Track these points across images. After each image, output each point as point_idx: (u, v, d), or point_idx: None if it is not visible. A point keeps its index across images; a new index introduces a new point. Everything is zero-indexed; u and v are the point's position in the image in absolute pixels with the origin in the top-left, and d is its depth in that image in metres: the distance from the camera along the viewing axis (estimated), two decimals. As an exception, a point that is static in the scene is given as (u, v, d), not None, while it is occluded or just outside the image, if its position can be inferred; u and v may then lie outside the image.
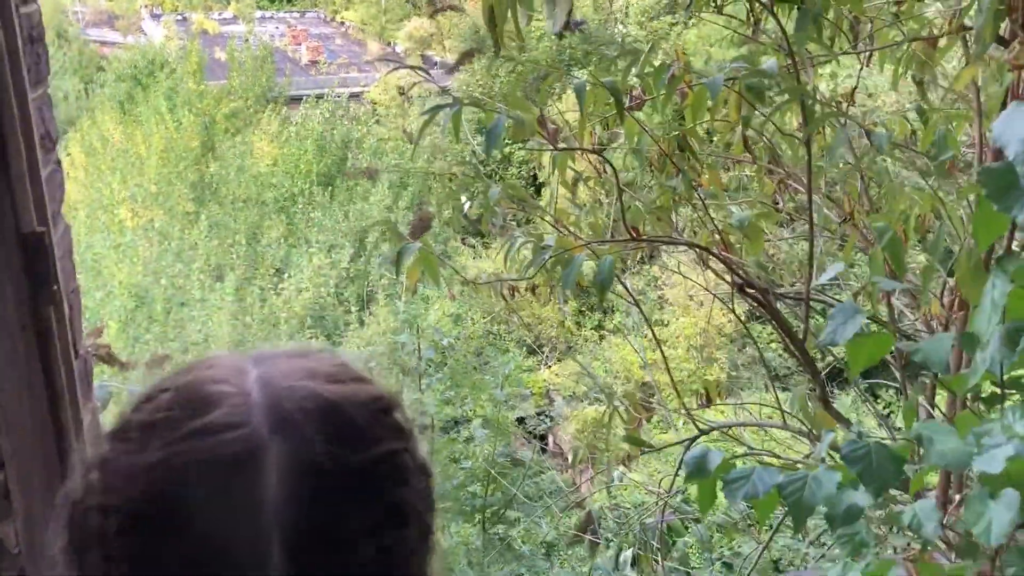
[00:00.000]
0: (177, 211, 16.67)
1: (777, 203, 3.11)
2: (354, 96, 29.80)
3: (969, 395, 2.13)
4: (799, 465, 1.52)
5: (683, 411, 2.75)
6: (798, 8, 2.16)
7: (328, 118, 20.06)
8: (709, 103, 2.12)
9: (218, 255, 14.74)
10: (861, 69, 2.72)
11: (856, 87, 2.66)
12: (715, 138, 2.76)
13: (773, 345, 17.81)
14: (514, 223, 2.48)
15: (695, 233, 2.69)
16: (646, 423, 2.84)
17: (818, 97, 2.20)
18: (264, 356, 0.78)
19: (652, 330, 3.11)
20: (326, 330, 14.38)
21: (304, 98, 22.63)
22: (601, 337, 20.77)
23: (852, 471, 1.40)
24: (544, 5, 1.86)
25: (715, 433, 2.86)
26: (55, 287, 1.32)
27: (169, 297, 13.12)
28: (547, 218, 2.56)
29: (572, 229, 2.61)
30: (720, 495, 1.54)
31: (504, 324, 19.41)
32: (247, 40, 28.43)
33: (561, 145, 2.53)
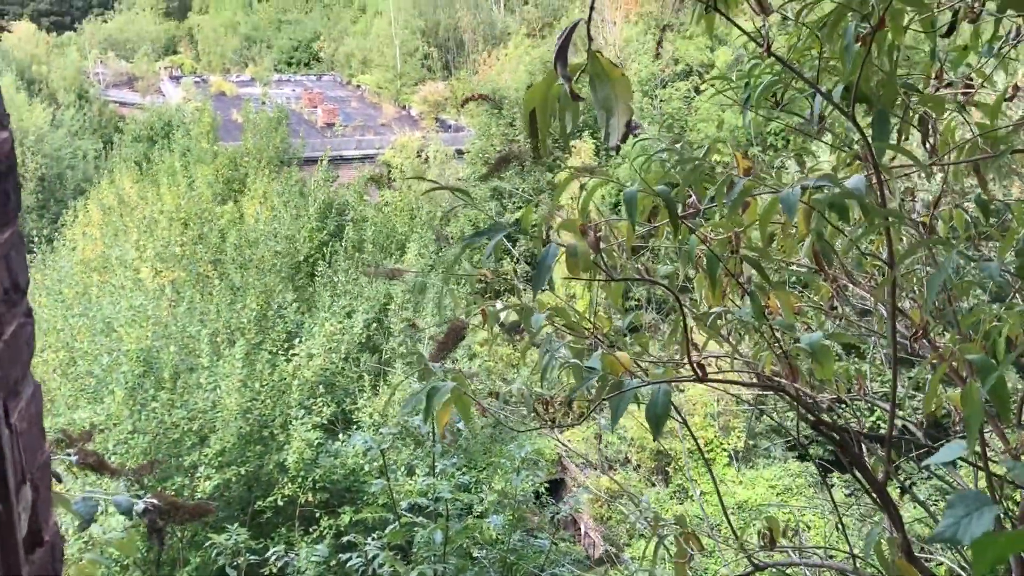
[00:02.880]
0: (194, 274, 16.55)
1: (834, 307, 2.84)
2: (368, 158, 29.90)
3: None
4: None
5: (738, 549, 2.46)
6: (875, 109, 1.92)
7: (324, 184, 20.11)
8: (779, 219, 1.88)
9: (229, 320, 14.53)
10: (945, 177, 2.47)
11: (940, 197, 2.42)
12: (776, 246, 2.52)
13: (790, 415, 17.42)
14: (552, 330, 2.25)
15: (756, 356, 2.43)
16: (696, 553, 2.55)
17: (904, 214, 1.96)
18: None
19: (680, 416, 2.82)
20: (336, 398, 14.08)
21: (318, 159, 22.78)
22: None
23: None
24: (598, 113, 1.62)
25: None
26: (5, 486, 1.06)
27: (177, 363, 12.86)
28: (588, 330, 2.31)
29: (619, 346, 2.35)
30: None
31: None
32: (263, 102, 28.72)
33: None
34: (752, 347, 2.38)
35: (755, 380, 2.24)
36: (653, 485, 20.18)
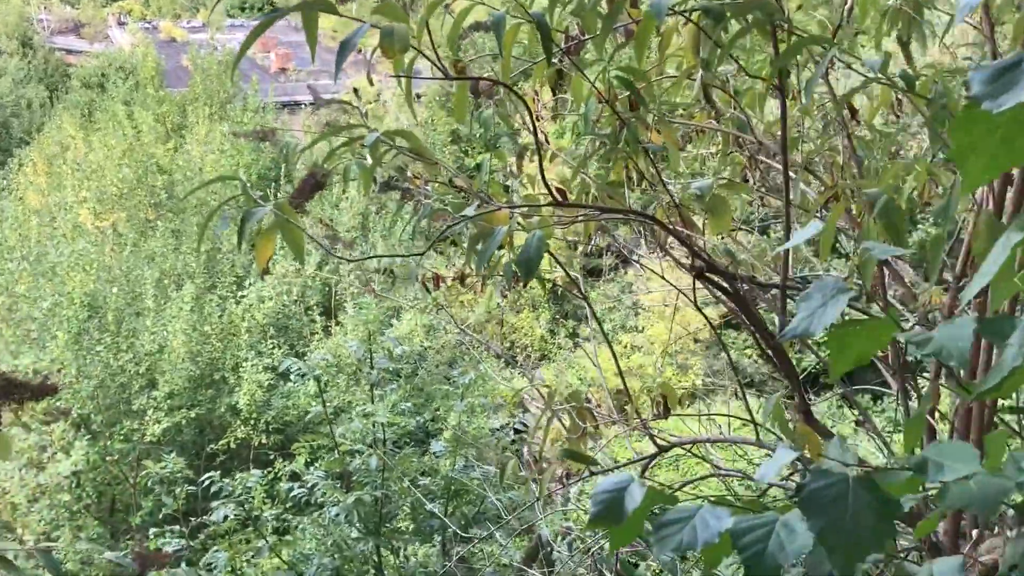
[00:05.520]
0: (137, 218, 16.19)
1: (747, 179, 2.69)
2: (328, 101, 29.24)
3: (987, 404, 1.70)
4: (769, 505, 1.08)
5: (638, 423, 2.32)
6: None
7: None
8: (658, 36, 1.69)
9: (175, 263, 14.22)
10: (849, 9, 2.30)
11: (840, 24, 2.25)
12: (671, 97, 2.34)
13: (749, 352, 17.51)
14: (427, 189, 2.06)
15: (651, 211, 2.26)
16: (606, 434, 2.41)
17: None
18: None
19: (610, 344, 2.68)
20: (289, 339, 13.89)
21: (266, 104, 22.34)
22: (576, 345, 20.50)
23: (811, 526, 0.95)
24: None
25: (683, 447, 2.42)
26: None
27: (123, 307, 12.57)
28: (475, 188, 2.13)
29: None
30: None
31: (479, 334, 19.05)
32: (214, 47, 28.04)
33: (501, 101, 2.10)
34: (640, 195, 2.22)
35: (619, 208, 2.07)
36: (614, 423, 20.22)
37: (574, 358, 19.60)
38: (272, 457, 12.36)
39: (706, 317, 3.35)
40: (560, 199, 1.79)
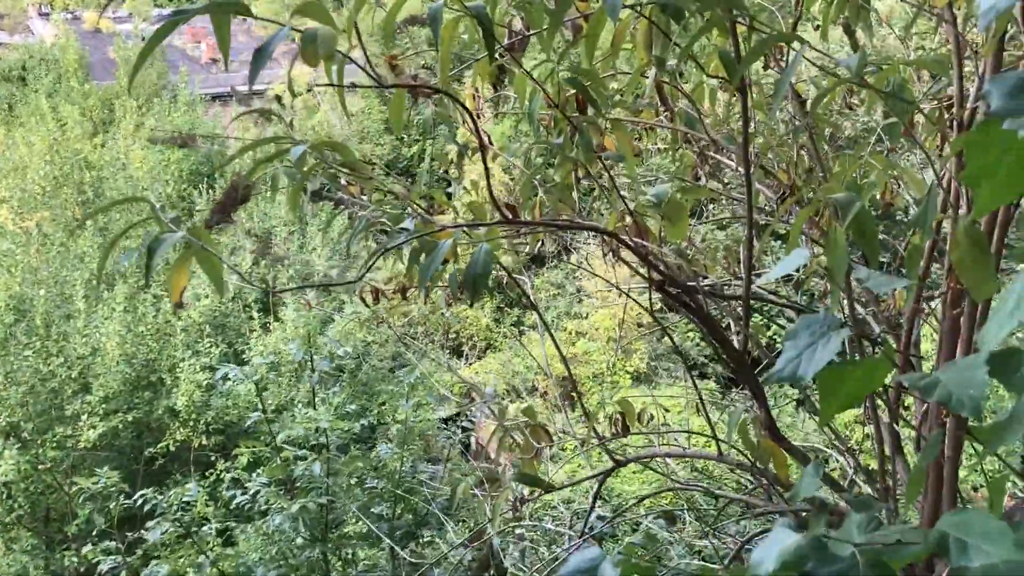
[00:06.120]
0: (64, 216, 15.63)
1: (698, 178, 2.58)
2: (256, 94, 28.85)
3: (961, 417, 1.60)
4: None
5: (596, 441, 2.20)
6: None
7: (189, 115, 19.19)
8: (609, 33, 1.56)
9: (106, 263, 13.76)
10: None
11: (798, 20, 2.14)
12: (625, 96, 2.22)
13: (691, 335, 17.61)
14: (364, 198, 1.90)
15: (602, 216, 2.14)
16: (552, 447, 2.29)
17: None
18: None
19: (553, 337, 2.56)
20: (227, 338, 13.56)
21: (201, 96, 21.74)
22: (521, 333, 20.44)
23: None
24: None
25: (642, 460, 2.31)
26: None
27: (51, 310, 12.13)
28: (416, 198, 1.98)
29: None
30: None
31: (423, 326, 18.86)
32: (142, 38, 27.30)
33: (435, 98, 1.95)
34: (586, 193, 2.09)
35: (572, 222, 1.94)
36: (560, 411, 20.28)
37: (520, 347, 19.55)
38: (214, 459, 12.07)
39: (642, 306, 3.25)
40: (510, 215, 1.65)
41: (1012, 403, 0.91)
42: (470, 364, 20.33)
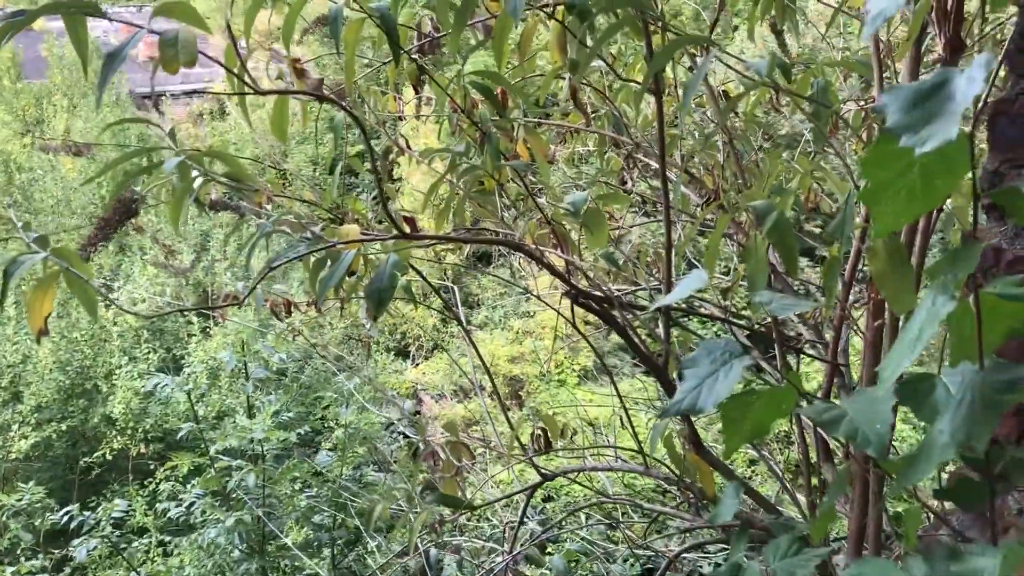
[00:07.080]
0: (-9, 221, 15.16)
1: (625, 182, 2.52)
2: (196, 93, 28.37)
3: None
4: None
5: (520, 454, 2.13)
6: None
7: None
8: (516, 35, 1.49)
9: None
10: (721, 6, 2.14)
11: (717, 20, 2.08)
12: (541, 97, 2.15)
13: (640, 331, 17.66)
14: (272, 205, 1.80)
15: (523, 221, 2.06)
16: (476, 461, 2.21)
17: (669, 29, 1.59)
18: None
19: (474, 345, 2.48)
20: (165, 343, 13.25)
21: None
22: (468, 333, 20.23)
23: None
24: None
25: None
26: None
27: (-20, 319, 11.76)
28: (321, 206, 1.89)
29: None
30: None
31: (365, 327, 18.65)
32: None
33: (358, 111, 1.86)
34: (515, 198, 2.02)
35: (478, 237, 1.87)
36: (508, 410, 20.20)
37: (465, 347, 19.43)
38: (153, 467, 11.77)
39: (564, 316, 3.19)
40: (409, 229, 1.56)
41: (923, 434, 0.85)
42: (417, 365, 20.17)
